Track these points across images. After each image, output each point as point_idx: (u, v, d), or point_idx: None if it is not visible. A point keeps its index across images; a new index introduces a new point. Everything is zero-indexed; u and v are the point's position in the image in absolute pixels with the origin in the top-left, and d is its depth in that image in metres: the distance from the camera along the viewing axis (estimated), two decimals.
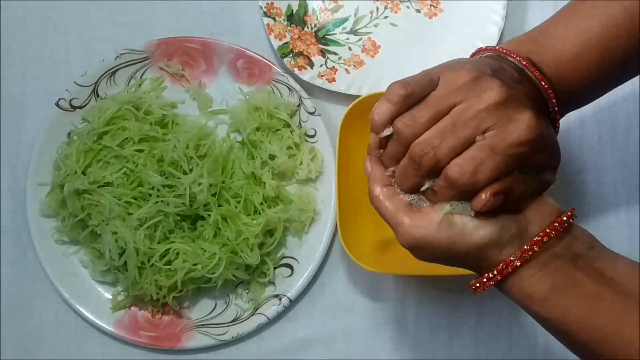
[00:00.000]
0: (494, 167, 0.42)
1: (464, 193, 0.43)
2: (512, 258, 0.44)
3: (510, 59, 0.48)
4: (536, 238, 0.44)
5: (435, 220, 0.44)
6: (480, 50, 0.51)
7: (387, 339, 0.70)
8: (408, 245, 0.46)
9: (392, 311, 0.71)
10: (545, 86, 0.48)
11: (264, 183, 0.68)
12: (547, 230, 0.44)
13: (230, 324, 0.69)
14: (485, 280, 0.45)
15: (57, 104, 0.70)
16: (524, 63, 0.48)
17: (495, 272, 0.45)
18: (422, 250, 0.45)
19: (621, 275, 0.45)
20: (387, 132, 0.46)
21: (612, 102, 0.73)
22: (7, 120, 0.72)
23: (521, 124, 0.43)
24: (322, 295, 0.71)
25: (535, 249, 0.44)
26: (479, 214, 0.44)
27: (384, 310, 0.71)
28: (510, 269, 0.44)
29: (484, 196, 0.43)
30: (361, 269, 0.64)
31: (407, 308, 0.71)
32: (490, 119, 0.43)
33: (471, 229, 0.44)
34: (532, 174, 0.45)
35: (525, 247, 0.44)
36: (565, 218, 0.45)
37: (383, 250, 0.68)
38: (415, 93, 0.44)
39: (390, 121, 0.45)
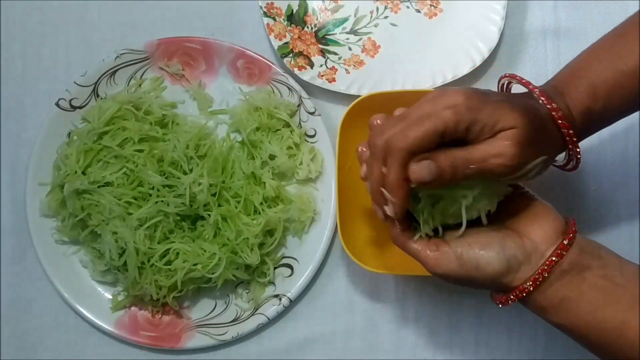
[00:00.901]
0: (420, 131, 0.47)
1: (401, 158, 0.47)
2: (524, 285, 0.50)
3: (530, 87, 0.52)
4: (544, 267, 0.50)
5: (452, 257, 0.50)
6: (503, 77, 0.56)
7: (387, 339, 0.70)
8: (435, 275, 0.52)
9: (392, 311, 0.71)
10: (545, 102, 0.51)
11: (264, 183, 0.68)
12: (554, 259, 0.49)
13: (230, 324, 0.69)
14: (504, 300, 0.52)
15: (57, 104, 0.70)
16: (531, 87, 0.52)
17: (512, 296, 0.51)
18: (447, 280, 0.52)
19: (629, 279, 0.49)
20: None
21: None
22: (7, 120, 0.72)
23: (447, 97, 0.48)
24: (322, 295, 0.71)
25: (545, 275, 0.50)
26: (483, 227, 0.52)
27: (384, 310, 0.71)
28: (524, 294, 0.50)
29: (414, 165, 0.47)
30: (361, 269, 0.64)
31: (407, 308, 0.71)
32: (427, 104, 0.48)
33: (484, 264, 0.50)
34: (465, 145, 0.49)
35: (535, 276, 0.50)
36: (566, 242, 0.49)
37: (383, 250, 0.68)
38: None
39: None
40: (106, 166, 0.67)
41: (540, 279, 0.49)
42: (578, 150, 0.52)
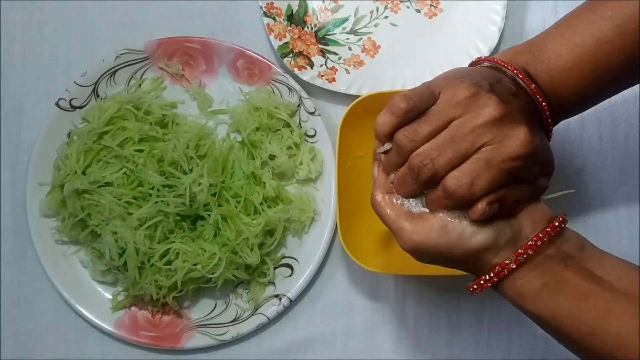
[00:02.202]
0: (489, 180, 0.45)
1: (460, 203, 0.46)
2: (507, 261, 0.47)
3: (508, 72, 0.50)
4: (530, 242, 0.47)
5: (434, 226, 0.46)
6: (479, 60, 0.53)
7: (387, 339, 0.70)
8: (408, 249, 0.48)
9: (392, 311, 0.71)
10: (540, 99, 0.50)
11: (264, 183, 0.68)
12: (540, 235, 0.47)
13: (230, 324, 0.69)
14: (482, 282, 0.48)
15: (57, 104, 0.70)
16: (521, 77, 0.50)
17: (492, 275, 0.47)
18: (422, 254, 0.48)
19: (609, 272, 0.47)
20: (387, 146, 0.48)
21: (613, 102, 0.73)
22: (7, 120, 0.72)
23: (515, 140, 0.45)
24: (322, 295, 0.71)
25: (530, 252, 0.46)
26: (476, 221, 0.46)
27: (384, 310, 0.71)
28: (506, 272, 0.47)
29: (480, 206, 0.45)
30: (361, 269, 0.64)
31: (407, 308, 0.71)
32: (487, 135, 0.45)
33: (469, 234, 0.46)
34: (526, 182, 0.48)
35: (520, 251, 0.46)
36: (557, 223, 0.47)
37: (383, 250, 0.68)
38: (416, 107, 0.46)
39: (392, 132, 0.47)
40: (106, 166, 0.67)
41: (525, 256, 0.46)
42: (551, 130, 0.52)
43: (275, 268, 0.70)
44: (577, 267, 0.47)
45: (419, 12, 0.73)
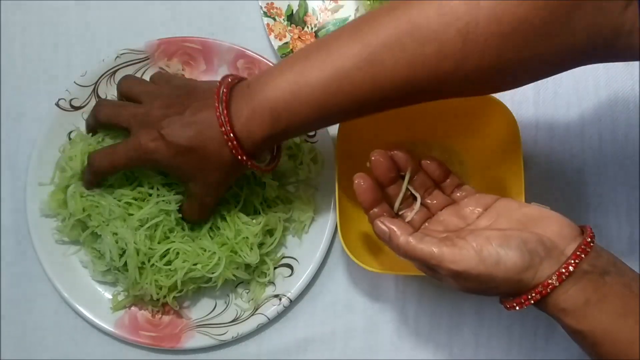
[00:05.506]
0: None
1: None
2: (550, 281, 0.48)
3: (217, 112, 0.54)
4: (570, 260, 0.48)
5: (471, 255, 0.48)
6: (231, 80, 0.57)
7: (387, 339, 0.70)
8: (451, 276, 0.50)
9: (392, 311, 0.71)
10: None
11: (264, 183, 0.68)
12: (578, 253, 0.48)
13: (230, 324, 0.69)
14: (523, 300, 0.50)
15: (57, 104, 0.70)
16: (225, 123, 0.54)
17: (534, 294, 0.49)
18: (465, 281, 0.50)
19: None
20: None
21: (613, 102, 0.73)
22: (7, 120, 0.72)
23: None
24: (322, 295, 0.71)
25: (571, 269, 0.48)
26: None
27: (384, 310, 0.71)
28: (549, 290, 0.48)
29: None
30: (361, 269, 0.64)
31: (407, 308, 0.71)
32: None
33: (504, 257, 0.48)
34: None
35: (562, 270, 0.48)
36: (589, 239, 0.49)
37: (383, 250, 0.68)
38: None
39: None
40: None
41: (567, 274, 0.48)
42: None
43: (275, 268, 0.70)
44: (614, 283, 0.48)
45: None
